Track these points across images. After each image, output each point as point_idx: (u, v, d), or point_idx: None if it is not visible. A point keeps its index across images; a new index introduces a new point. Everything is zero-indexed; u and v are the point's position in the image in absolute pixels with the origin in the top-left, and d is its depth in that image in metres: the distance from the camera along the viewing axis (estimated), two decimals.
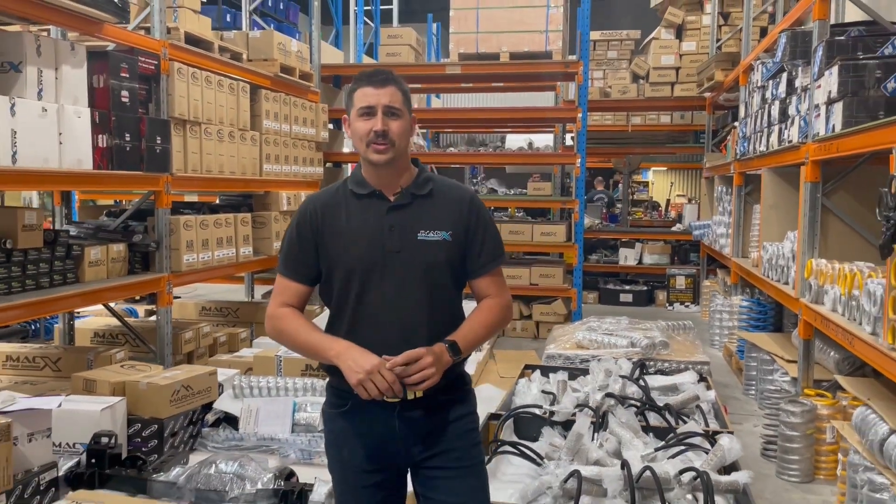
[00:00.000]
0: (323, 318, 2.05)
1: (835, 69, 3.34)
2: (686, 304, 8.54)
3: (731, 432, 3.10)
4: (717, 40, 8.32)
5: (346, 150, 7.14)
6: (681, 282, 8.58)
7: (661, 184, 14.63)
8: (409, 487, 1.98)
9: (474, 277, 1.93)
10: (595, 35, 9.72)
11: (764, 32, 7.22)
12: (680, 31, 8.99)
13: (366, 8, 10.10)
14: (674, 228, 9.74)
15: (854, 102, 3.24)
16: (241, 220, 5.21)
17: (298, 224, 1.92)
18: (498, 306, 1.94)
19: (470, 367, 4.22)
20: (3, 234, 3.51)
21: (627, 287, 8.90)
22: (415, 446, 1.87)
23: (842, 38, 3.62)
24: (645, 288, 8.88)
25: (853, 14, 6.21)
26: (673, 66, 8.72)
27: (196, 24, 4.87)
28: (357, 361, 1.74)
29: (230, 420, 3.63)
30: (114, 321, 4.87)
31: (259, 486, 2.81)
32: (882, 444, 2.68)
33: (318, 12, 6.62)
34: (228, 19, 8.91)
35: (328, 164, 7.06)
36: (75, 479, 2.92)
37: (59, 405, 2.80)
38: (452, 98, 13.27)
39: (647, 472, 2.66)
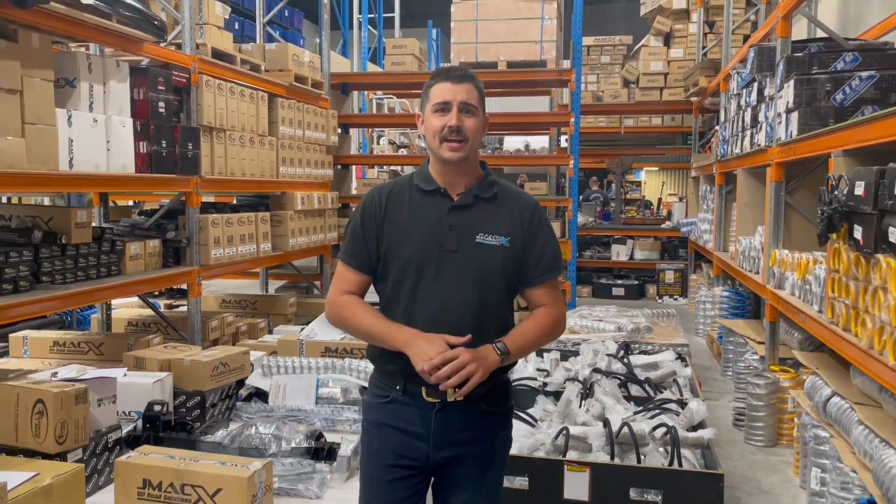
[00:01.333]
0: None
1: (791, 82, 3.81)
2: (675, 297, 9.02)
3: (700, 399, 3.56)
4: (703, 47, 8.80)
5: (352, 152, 7.59)
6: (670, 276, 9.05)
7: (653, 183, 15.12)
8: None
9: (530, 287, 1.90)
10: (589, 41, 10.19)
11: (747, 39, 7.69)
12: (668, 39, 9.46)
13: (370, 16, 10.55)
14: (663, 226, 10.22)
15: (807, 112, 3.71)
16: (261, 218, 5.67)
17: (363, 213, 1.91)
18: (551, 315, 1.89)
19: None
20: (59, 231, 3.96)
21: (620, 281, 9.37)
22: (443, 449, 1.85)
23: (800, 54, 4.08)
24: (636, 282, 9.36)
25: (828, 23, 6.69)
26: (661, 71, 9.20)
27: (220, 39, 5.32)
28: (424, 349, 1.73)
29: (260, 395, 4.09)
30: (145, 312, 5.33)
31: (294, 444, 3.28)
32: (825, 404, 3.14)
33: (328, 26, 7.07)
34: (237, 27, 9.39)
35: (337, 167, 7.51)
36: (133, 441, 3.38)
37: (124, 375, 3.25)
38: None
39: (626, 429, 3.13)
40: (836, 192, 2.86)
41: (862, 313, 2.65)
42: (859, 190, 2.63)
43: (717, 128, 7.42)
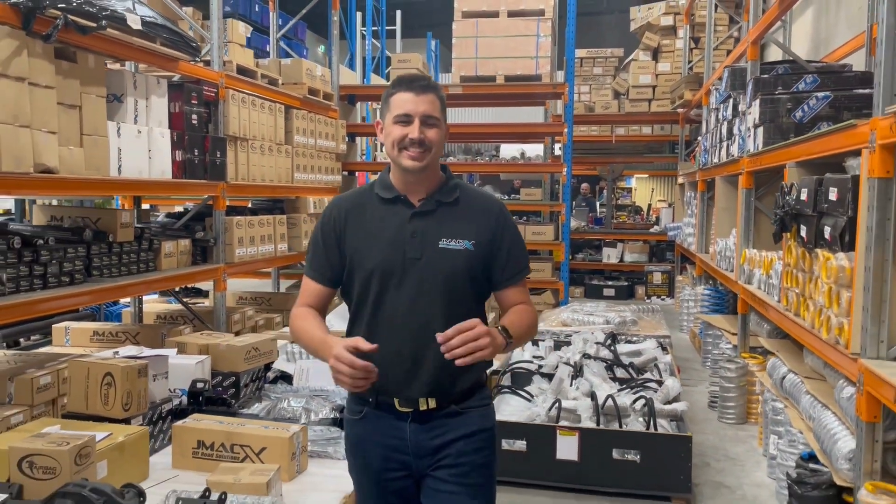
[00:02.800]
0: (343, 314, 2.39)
1: (758, 101, 4.32)
2: (662, 297, 9.52)
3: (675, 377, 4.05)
4: (689, 62, 9.33)
5: (357, 159, 8.08)
6: (657, 277, 9.56)
7: (643, 190, 15.66)
8: None
9: (501, 289, 1.88)
10: (581, 53, 10.73)
11: (730, 53, 8.23)
12: (656, 54, 10.00)
13: (373, 28, 11.05)
14: (652, 230, 10.75)
15: (771, 128, 4.21)
16: (278, 220, 6.14)
17: (323, 226, 1.91)
18: (530, 312, 1.89)
19: None
20: (107, 230, 4.43)
21: (610, 283, 9.88)
22: (424, 458, 1.83)
23: (767, 75, 4.59)
24: (626, 283, 9.86)
25: (798, 45, 7.24)
26: (650, 84, 9.73)
27: (243, 56, 5.81)
28: (328, 356, 1.70)
29: (285, 378, 4.56)
30: (172, 306, 5.79)
31: (321, 415, 3.76)
32: (782, 380, 3.64)
33: (338, 41, 7.57)
34: (248, 36, 9.86)
35: (344, 173, 7.99)
36: (180, 413, 3.84)
37: (176, 354, 3.73)
38: (452, 112, 14.30)
39: (610, 402, 3.62)
40: (787, 198, 3.36)
41: (807, 299, 3.15)
42: (804, 195, 3.13)
43: (700, 138, 7.94)
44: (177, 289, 6.73)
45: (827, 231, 2.85)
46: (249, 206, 7.22)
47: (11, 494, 2.51)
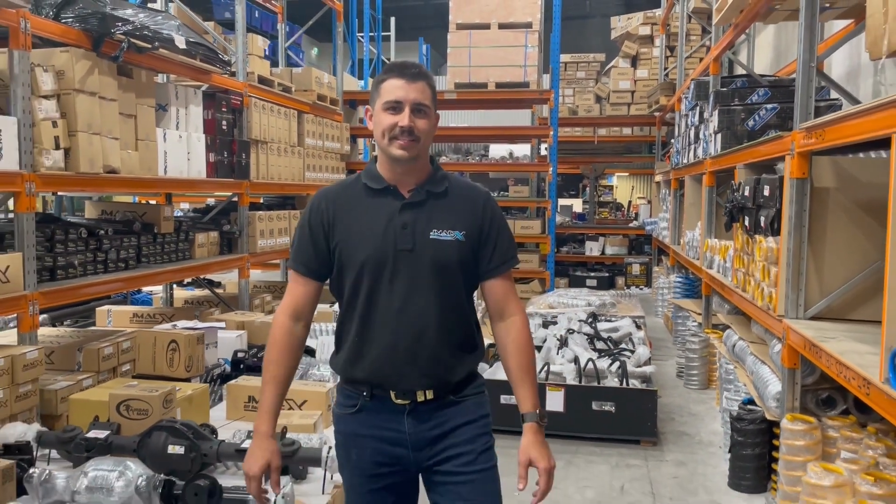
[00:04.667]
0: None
1: (716, 111, 5.03)
2: (640, 287, 10.27)
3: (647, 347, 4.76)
4: (665, 69, 10.07)
5: (358, 159, 8.73)
6: (636, 269, 10.30)
7: (624, 187, 16.44)
8: (422, 494, 1.93)
9: (487, 279, 1.85)
10: (566, 57, 11.44)
11: (702, 60, 8.97)
12: (635, 61, 10.74)
13: (371, 34, 11.69)
14: (631, 224, 11.49)
15: (728, 134, 4.92)
16: (292, 215, 6.79)
17: (310, 217, 1.85)
18: (526, 335, 1.86)
19: None
20: (152, 223, 5.06)
21: (593, 274, 10.61)
22: (423, 450, 1.81)
23: (725, 88, 5.31)
24: (607, 274, 10.60)
25: (762, 55, 7.99)
26: (629, 89, 10.46)
27: (262, 66, 6.44)
28: (248, 459, 1.80)
29: (308, 352, 5.21)
30: (194, 293, 6.42)
31: None
32: (733, 347, 4.36)
33: (342, 51, 8.21)
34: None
35: (348, 172, 8.64)
36: (225, 378, 4.49)
37: (223, 327, 4.37)
38: (445, 115, 14.96)
39: (591, 365, 4.31)
40: (735, 194, 4.08)
41: (750, 276, 3.87)
42: (747, 192, 3.85)
43: (673, 141, 8.68)
44: (200, 277, 7.38)
45: (762, 220, 3.56)
46: (261, 202, 7.85)
47: (112, 430, 3.15)
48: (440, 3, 16.60)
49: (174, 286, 6.44)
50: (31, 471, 2.73)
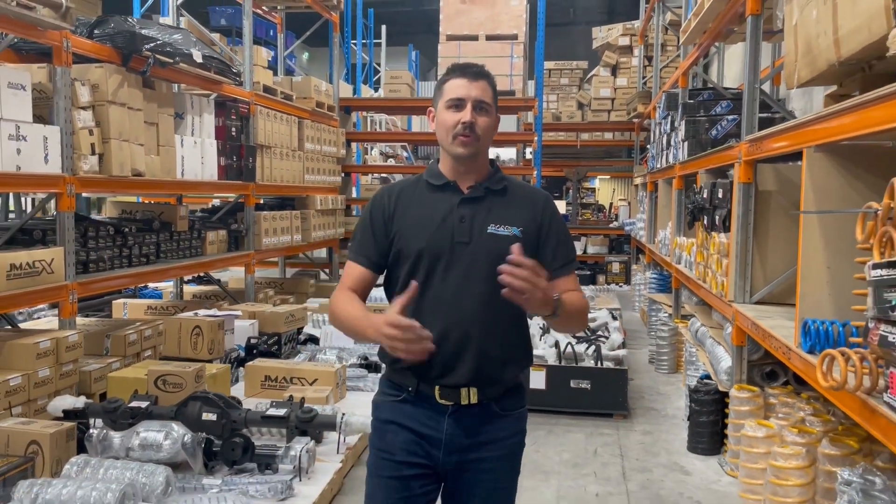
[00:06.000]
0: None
1: (683, 122, 5.57)
2: (620, 284, 10.82)
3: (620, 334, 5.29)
4: (643, 78, 10.64)
5: (350, 162, 9.19)
6: (616, 267, 10.85)
7: (605, 190, 17.03)
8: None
9: (554, 278, 1.79)
10: (549, 64, 11.97)
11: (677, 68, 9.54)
12: (615, 70, 11.30)
13: (363, 41, 12.17)
14: (612, 225, 12.04)
15: (693, 142, 5.45)
16: (294, 215, 7.25)
17: (372, 209, 1.90)
18: (581, 299, 1.84)
19: None
20: (169, 221, 5.51)
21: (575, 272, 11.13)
22: (453, 454, 1.81)
23: (692, 101, 5.85)
24: (589, 272, 11.14)
25: (732, 66, 8.56)
26: (609, 97, 11.02)
27: (266, 76, 6.89)
28: (375, 328, 1.65)
29: (313, 340, 5.69)
30: (200, 288, 6.86)
31: (351, 361, 4.91)
32: (696, 332, 4.89)
33: (339, 61, 8.68)
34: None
35: (343, 174, 9.11)
36: (241, 362, 4.95)
37: (240, 315, 4.84)
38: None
39: (570, 349, 4.82)
40: (696, 196, 4.61)
41: (707, 269, 4.40)
42: (705, 194, 4.38)
43: (649, 146, 9.24)
44: (200, 274, 7.81)
45: (717, 219, 4.09)
46: (261, 202, 8.30)
47: (151, 401, 3.61)
48: (428, 10, 17.13)
49: (182, 282, 6.86)
50: (90, 431, 3.19)
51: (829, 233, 2.59)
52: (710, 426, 3.96)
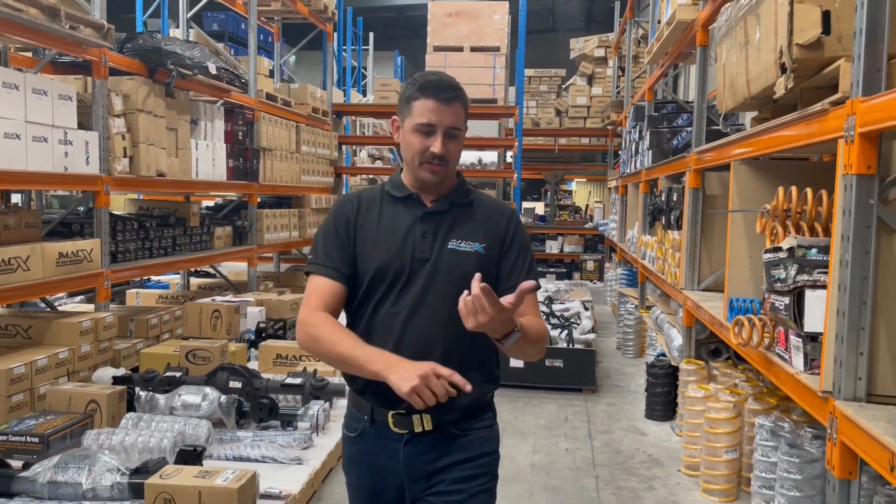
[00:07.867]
0: None
1: (648, 132, 6.24)
2: (594, 281, 11.51)
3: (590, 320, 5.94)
4: (617, 87, 11.34)
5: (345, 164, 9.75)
6: (590, 265, 11.54)
7: (582, 192, 17.77)
8: None
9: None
10: (529, 72, 12.62)
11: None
12: (591, 79, 11.99)
13: (352, 48, 12.73)
14: (587, 225, 12.74)
15: (657, 151, 6.12)
16: (292, 213, 7.81)
17: (335, 217, 1.79)
18: (539, 323, 1.73)
19: None
20: (184, 217, 6.05)
21: (552, 269, 11.82)
22: (418, 482, 1.74)
23: (657, 113, 6.52)
24: (565, 270, 11.82)
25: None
26: (585, 105, 11.71)
27: (267, 84, 7.45)
28: (408, 370, 1.50)
29: None
30: (208, 280, 7.39)
31: None
32: (657, 319, 5.55)
33: (332, 69, 9.24)
34: (232, 52, 11.40)
35: (336, 176, 9.68)
36: (252, 343, 5.51)
37: (252, 301, 5.40)
38: None
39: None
40: (656, 199, 5.27)
41: (664, 262, 5.06)
42: (664, 197, 5.04)
43: (621, 152, 9.93)
44: (200, 268, 8.34)
45: (673, 219, 4.75)
46: (259, 201, 8.82)
47: (183, 372, 4.16)
48: (413, 16, 17.73)
49: (189, 273, 7.39)
50: (138, 392, 3.75)
51: (751, 229, 3.24)
52: (664, 396, 4.61)
